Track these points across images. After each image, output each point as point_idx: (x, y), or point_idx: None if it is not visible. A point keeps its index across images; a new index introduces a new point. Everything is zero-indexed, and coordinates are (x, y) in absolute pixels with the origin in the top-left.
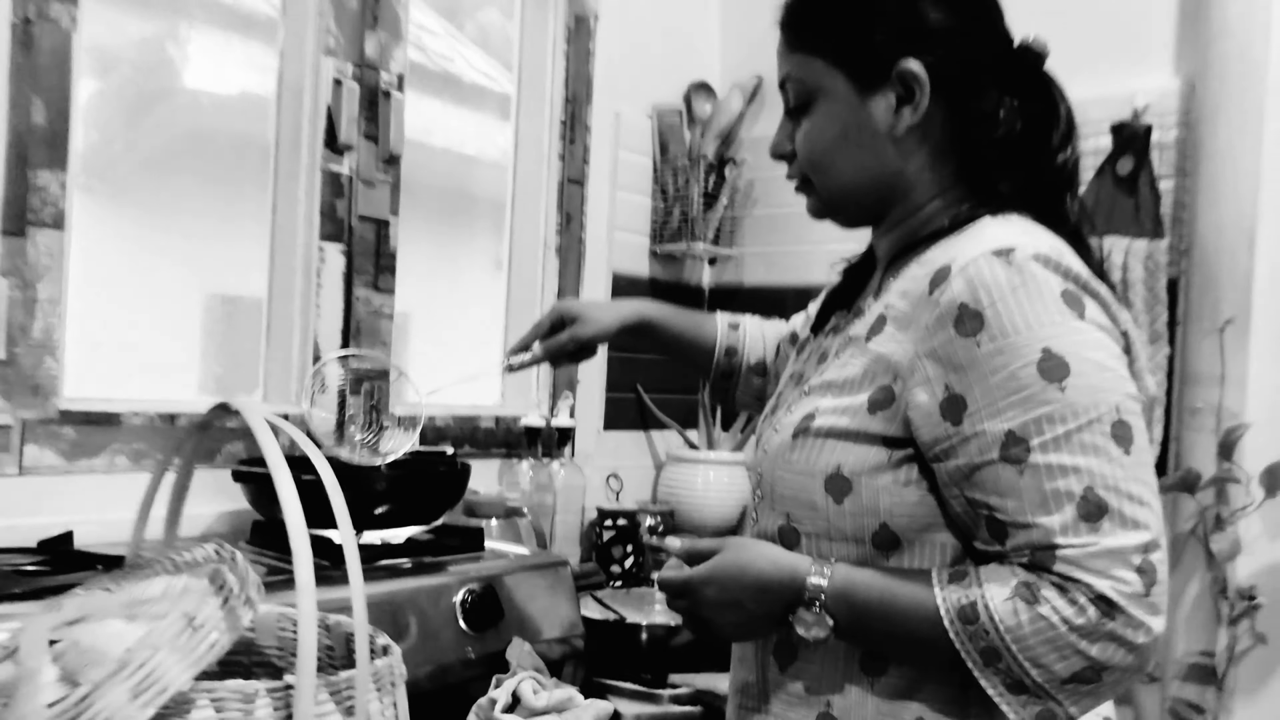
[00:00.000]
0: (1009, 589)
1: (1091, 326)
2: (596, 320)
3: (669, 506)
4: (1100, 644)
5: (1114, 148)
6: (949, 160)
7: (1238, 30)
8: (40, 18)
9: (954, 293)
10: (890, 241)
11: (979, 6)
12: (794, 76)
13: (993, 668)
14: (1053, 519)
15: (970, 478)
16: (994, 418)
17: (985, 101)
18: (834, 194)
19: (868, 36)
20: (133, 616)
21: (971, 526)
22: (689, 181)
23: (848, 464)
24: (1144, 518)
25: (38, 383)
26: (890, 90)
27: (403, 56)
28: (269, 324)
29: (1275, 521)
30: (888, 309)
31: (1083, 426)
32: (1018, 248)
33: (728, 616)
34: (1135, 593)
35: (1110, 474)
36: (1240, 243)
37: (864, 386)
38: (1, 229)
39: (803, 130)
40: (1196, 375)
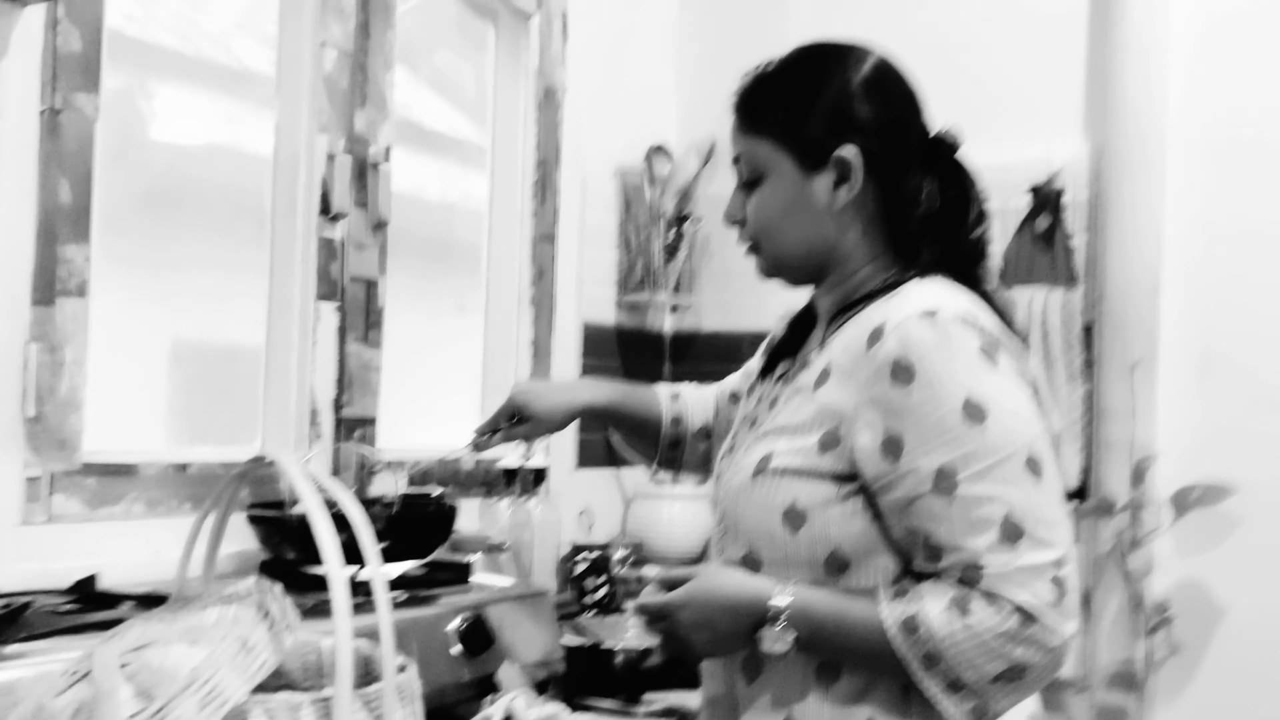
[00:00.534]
0: (944, 602)
1: (1004, 376)
2: (547, 416)
3: (637, 539)
4: (1021, 647)
5: (1032, 207)
6: (879, 231)
7: (1138, 101)
8: (66, 107)
9: (888, 349)
10: (830, 300)
11: (905, 104)
12: (746, 155)
13: (932, 670)
14: (978, 541)
15: (908, 508)
16: (926, 456)
17: (909, 183)
18: (780, 258)
19: (811, 126)
20: (194, 641)
21: (910, 550)
22: (650, 236)
23: (801, 499)
24: (1055, 538)
25: (64, 438)
26: (829, 171)
27: (389, 131)
28: (266, 376)
29: (1184, 541)
30: (831, 362)
31: (1001, 461)
32: (940, 309)
33: (701, 636)
34: (1049, 602)
35: (1025, 502)
36: (1146, 291)
37: (813, 430)
38: (32, 299)
39: (753, 202)
40: (1110, 411)
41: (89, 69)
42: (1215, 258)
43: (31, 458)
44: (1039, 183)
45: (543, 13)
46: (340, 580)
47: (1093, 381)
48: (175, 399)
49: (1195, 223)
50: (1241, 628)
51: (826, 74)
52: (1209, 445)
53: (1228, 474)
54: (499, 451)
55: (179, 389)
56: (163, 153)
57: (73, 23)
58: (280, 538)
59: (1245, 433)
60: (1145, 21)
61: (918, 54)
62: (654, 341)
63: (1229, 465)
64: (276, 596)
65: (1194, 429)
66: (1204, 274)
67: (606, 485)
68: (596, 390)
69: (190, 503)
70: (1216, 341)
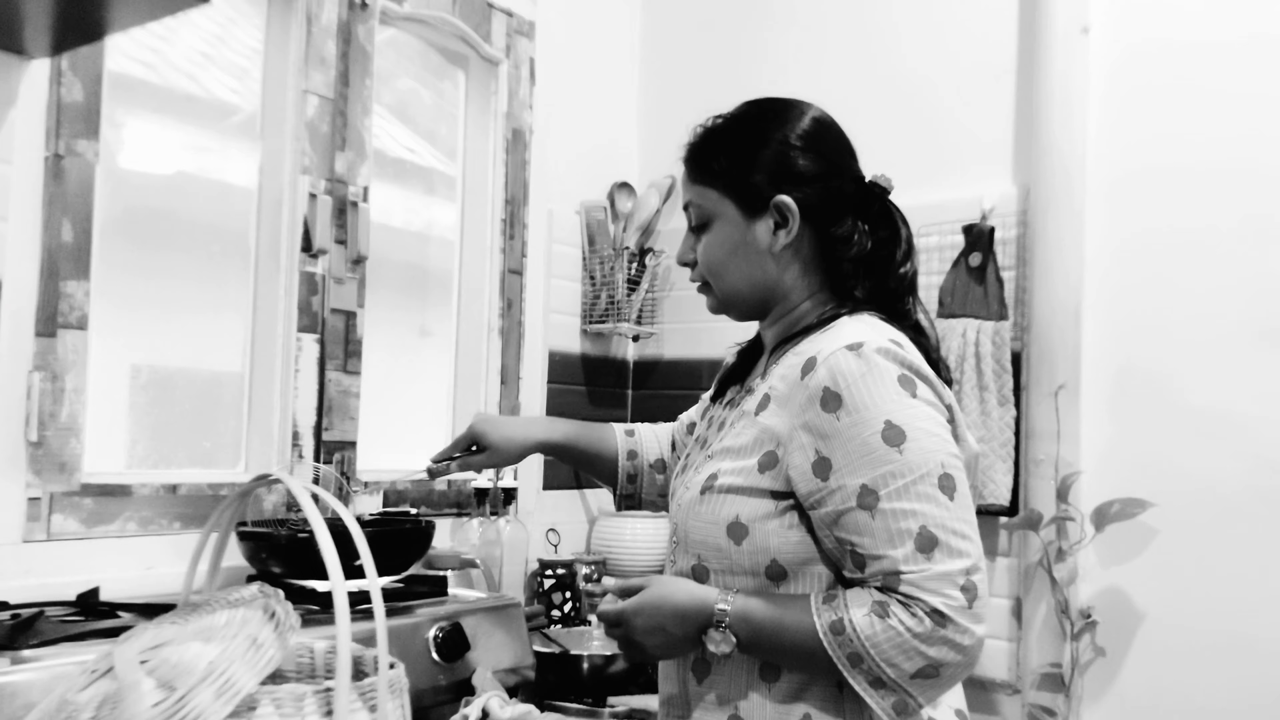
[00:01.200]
0: (866, 607)
1: (921, 403)
2: (504, 450)
3: (601, 556)
4: (936, 646)
5: (965, 244)
6: (816, 271)
7: (1062, 146)
8: (69, 153)
9: (819, 379)
10: (773, 333)
11: (838, 155)
12: (695, 202)
13: (858, 668)
14: (897, 551)
15: (837, 521)
16: (851, 475)
17: (843, 226)
18: (727, 295)
19: (752, 176)
20: (208, 639)
21: (839, 559)
22: (614, 269)
23: (744, 513)
24: (966, 548)
25: (64, 461)
26: (769, 217)
27: (367, 171)
28: (249, 403)
29: (1105, 552)
30: (771, 390)
31: (917, 479)
32: (865, 343)
33: (654, 640)
34: (960, 606)
35: (939, 515)
36: (1069, 321)
37: (754, 452)
38: (35, 331)
39: (702, 244)
40: (1038, 432)
41: (90, 117)
42: (1131, 292)
43: (33, 479)
44: (972, 221)
45: (511, 59)
46: (341, 586)
47: (1022, 405)
48: (160, 424)
49: (1113, 256)
50: (1159, 630)
51: (767, 129)
52: (1127, 463)
53: (1144, 489)
54: (454, 477)
55: (162, 414)
56: (132, 181)
57: (75, 74)
58: (268, 553)
59: (1159, 451)
60: (1066, 72)
61: (860, 103)
62: (617, 369)
63: (1145, 481)
64: (280, 600)
65: (1113, 448)
66: (1121, 306)
67: (572, 505)
68: (552, 427)
69: (180, 522)
70: (1133, 368)
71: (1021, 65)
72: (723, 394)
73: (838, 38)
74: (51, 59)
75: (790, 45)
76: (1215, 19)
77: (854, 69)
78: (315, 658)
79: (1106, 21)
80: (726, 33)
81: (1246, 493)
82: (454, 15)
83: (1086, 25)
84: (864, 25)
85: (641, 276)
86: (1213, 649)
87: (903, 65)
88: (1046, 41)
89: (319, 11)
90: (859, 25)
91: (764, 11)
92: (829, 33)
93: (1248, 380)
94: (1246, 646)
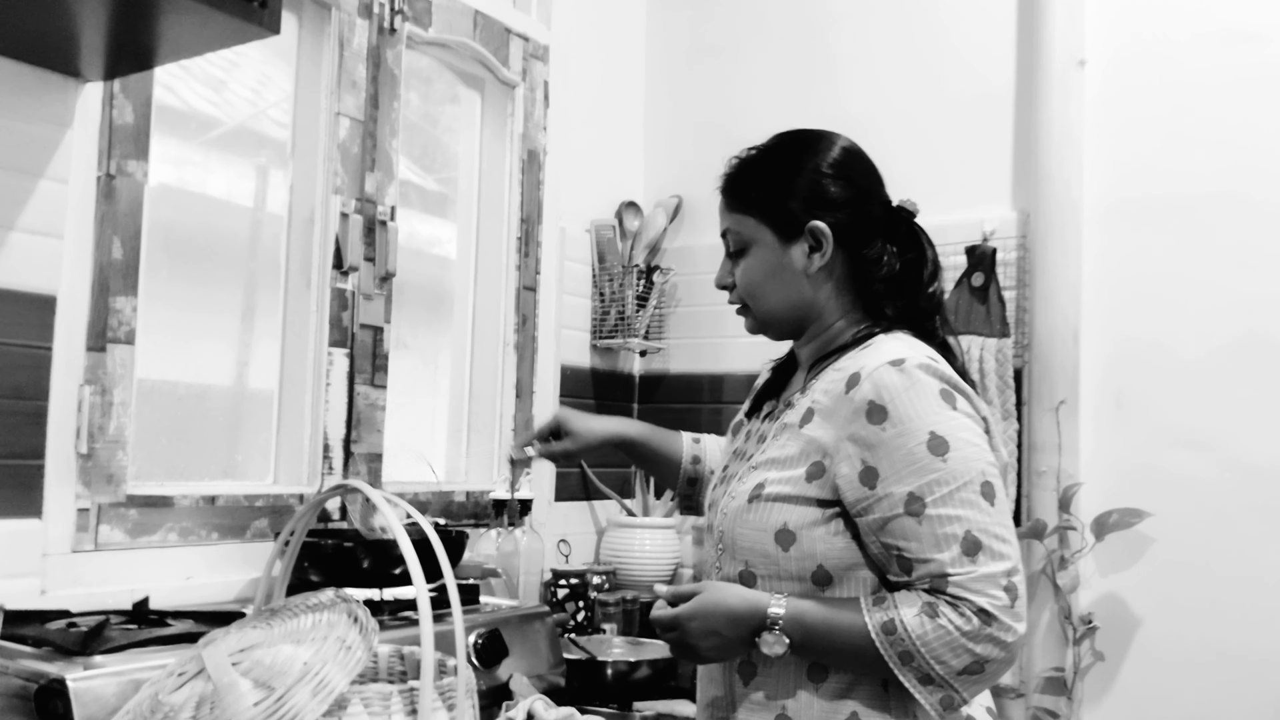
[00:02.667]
0: (916, 608)
1: (961, 415)
2: (586, 436)
3: (611, 567)
4: (982, 644)
5: (968, 265)
6: (849, 291)
7: (1058, 174)
8: (120, 173)
9: (864, 392)
10: (810, 351)
11: (867, 181)
12: (733, 230)
13: (908, 666)
14: (944, 554)
15: (884, 528)
16: (898, 483)
17: (873, 249)
18: (766, 316)
19: (788, 203)
20: (298, 642)
21: (885, 564)
22: (623, 285)
23: (792, 520)
24: (1007, 551)
25: (111, 473)
26: (804, 241)
27: (395, 191)
28: (279, 416)
29: (1104, 560)
30: (814, 403)
31: (961, 487)
32: (907, 359)
33: (709, 642)
34: (1004, 605)
35: (981, 520)
36: (1068, 339)
37: (801, 462)
38: (86, 345)
39: (740, 269)
40: (1039, 445)
41: (140, 138)
42: (1126, 309)
43: (82, 490)
44: (974, 243)
45: (527, 82)
46: (424, 591)
47: (1024, 420)
48: (194, 436)
49: (1108, 279)
50: (1155, 635)
51: (800, 158)
52: (1124, 474)
53: (1141, 499)
54: (529, 465)
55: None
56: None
57: (126, 97)
58: (310, 561)
59: (1155, 463)
60: (1063, 104)
61: (868, 131)
62: (625, 382)
63: (1142, 491)
64: (360, 605)
65: (1111, 460)
66: (1117, 324)
67: (581, 516)
68: (630, 423)
69: (217, 532)
70: (1129, 383)
71: (1020, 95)
72: (758, 409)
73: (838, 67)
74: (105, 83)
75: (789, 74)
76: (1205, 57)
77: (857, 97)
78: (379, 661)
79: (1102, 55)
80: (727, 60)
81: (1237, 503)
82: (475, 40)
83: (1083, 58)
84: (865, 54)
85: (649, 293)
86: (1206, 652)
87: (906, 92)
88: (1044, 73)
89: (350, 36)
90: (862, 53)
91: (763, 40)
92: (830, 62)
93: (1237, 396)
94: (1238, 650)
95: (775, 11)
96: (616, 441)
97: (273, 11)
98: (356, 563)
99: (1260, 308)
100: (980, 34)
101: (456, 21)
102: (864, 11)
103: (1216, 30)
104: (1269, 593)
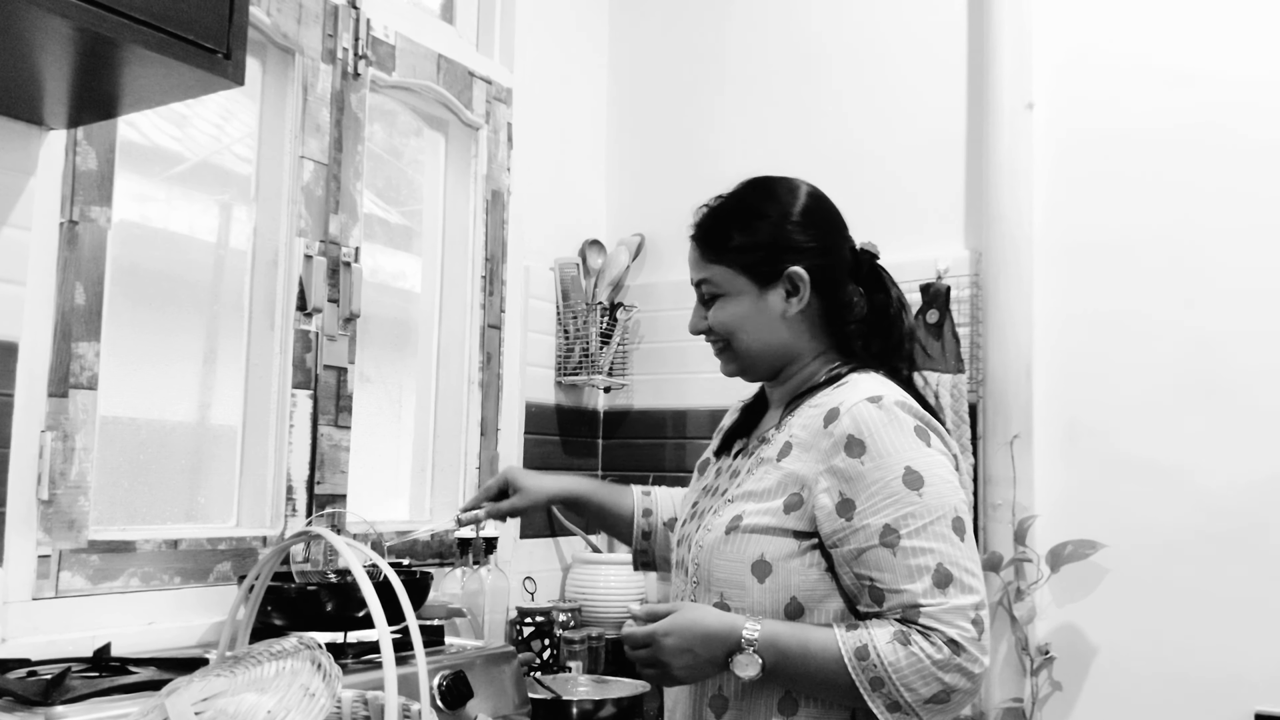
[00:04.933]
0: (889, 634)
1: (935, 451)
2: (534, 493)
3: (576, 604)
4: (951, 674)
5: (923, 302)
6: (824, 333)
7: (1009, 213)
8: (83, 219)
9: (844, 427)
10: (784, 391)
11: (834, 226)
12: (708, 279)
13: (878, 692)
14: (916, 585)
15: (858, 558)
16: (875, 514)
17: (844, 292)
18: (747, 360)
19: (763, 252)
20: (262, 690)
21: (856, 595)
22: (587, 323)
23: (769, 552)
24: (975, 585)
25: (73, 518)
26: (782, 286)
27: (359, 233)
28: (242, 458)
29: (1060, 591)
30: (792, 438)
31: (935, 521)
32: (885, 396)
33: (682, 660)
34: (972, 638)
35: (953, 554)
36: (1022, 376)
37: (779, 494)
38: (48, 391)
39: (720, 316)
40: (995, 478)
41: (103, 184)
42: (1077, 349)
43: (43, 537)
44: (929, 280)
45: (490, 124)
46: (386, 637)
47: (979, 454)
48: (156, 479)
49: (1059, 315)
50: (1110, 664)
51: (771, 206)
52: (1078, 507)
53: (1095, 531)
54: (479, 527)
55: (156, 469)
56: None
57: (90, 144)
58: (273, 605)
59: (1107, 496)
60: (1012, 145)
61: (823, 171)
62: (590, 419)
63: (1096, 523)
64: (324, 652)
65: (1065, 493)
66: (1068, 359)
67: (547, 554)
68: (578, 480)
69: (180, 577)
70: (1081, 417)
71: (971, 137)
72: (728, 448)
73: (793, 108)
74: (69, 130)
75: (748, 115)
76: (1148, 99)
77: (810, 138)
78: (344, 706)
79: (1050, 98)
80: (688, 101)
81: (1187, 533)
82: (438, 84)
83: (1031, 101)
84: (819, 96)
85: (613, 330)
86: (1161, 679)
87: (858, 134)
88: (994, 116)
89: (314, 81)
90: (816, 97)
91: (722, 83)
92: (785, 103)
93: (1186, 429)
94: (1194, 675)
95: (734, 56)
96: (564, 499)
97: (236, 63)
98: (320, 606)
99: (1205, 342)
100: (932, 78)
101: (420, 65)
102: (820, 57)
103: (1158, 73)
104: (1221, 619)
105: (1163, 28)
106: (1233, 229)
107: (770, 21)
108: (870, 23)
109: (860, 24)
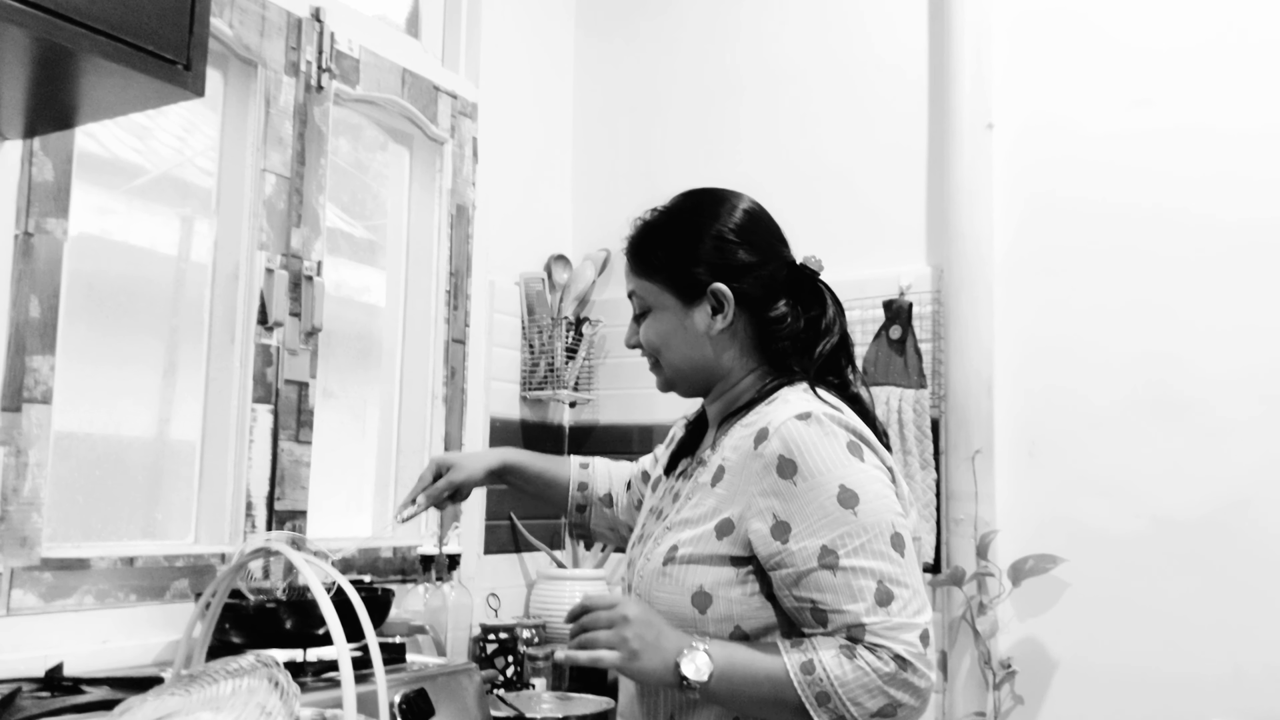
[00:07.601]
0: (835, 649)
1: (869, 466)
2: (467, 467)
3: (540, 620)
4: (897, 688)
5: (886, 318)
6: (754, 349)
7: (969, 232)
8: (39, 230)
9: (774, 447)
10: (716, 408)
11: (769, 243)
12: (637, 293)
13: (824, 707)
14: (858, 605)
15: (798, 582)
16: (811, 536)
17: (776, 308)
18: (673, 375)
19: (690, 268)
20: (217, 709)
21: (798, 618)
22: (552, 337)
23: (707, 582)
24: (918, 601)
25: (25, 535)
26: (706, 304)
27: (321, 246)
28: (201, 473)
29: (1022, 605)
30: (724, 460)
31: (872, 539)
32: (813, 412)
33: (644, 633)
34: (919, 653)
35: (892, 571)
36: (982, 390)
37: (711, 519)
38: (1, 406)
39: (646, 330)
40: (957, 493)
41: (60, 196)
42: (1037, 361)
43: None
44: (891, 297)
45: (455, 139)
46: (346, 655)
47: (941, 469)
48: (112, 494)
49: (1020, 331)
50: (1071, 677)
51: (702, 222)
52: (1039, 521)
53: (1055, 545)
54: (421, 519)
55: (113, 484)
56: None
57: (47, 155)
58: (231, 623)
59: (1067, 510)
60: (973, 164)
61: (788, 188)
62: (555, 433)
63: (1056, 537)
64: (281, 669)
65: (1026, 507)
66: (1028, 375)
67: (511, 569)
68: (512, 451)
69: (135, 594)
70: (1041, 432)
71: (933, 156)
72: (674, 467)
73: (758, 125)
74: (24, 140)
75: (713, 132)
76: (1104, 121)
77: (774, 155)
78: None
79: (1009, 118)
80: (652, 116)
81: (1145, 546)
82: (403, 98)
83: (991, 121)
84: (783, 114)
85: (579, 345)
86: (1122, 690)
87: (822, 152)
88: (955, 135)
89: (277, 93)
90: (777, 114)
91: (686, 97)
92: (750, 120)
93: (1143, 445)
94: (1148, 688)
95: (699, 74)
96: (499, 469)
97: (197, 74)
98: (279, 623)
99: (1163, 360)
100: (895, 97)
101: (385, 79)
102: (786, 76)
103: (1114, 95)
104: (1178, 631)
105: (1122, 52)
106: (1189, 250)
107: (735, 40)
108: (834, 43)
109: (824, 44)
